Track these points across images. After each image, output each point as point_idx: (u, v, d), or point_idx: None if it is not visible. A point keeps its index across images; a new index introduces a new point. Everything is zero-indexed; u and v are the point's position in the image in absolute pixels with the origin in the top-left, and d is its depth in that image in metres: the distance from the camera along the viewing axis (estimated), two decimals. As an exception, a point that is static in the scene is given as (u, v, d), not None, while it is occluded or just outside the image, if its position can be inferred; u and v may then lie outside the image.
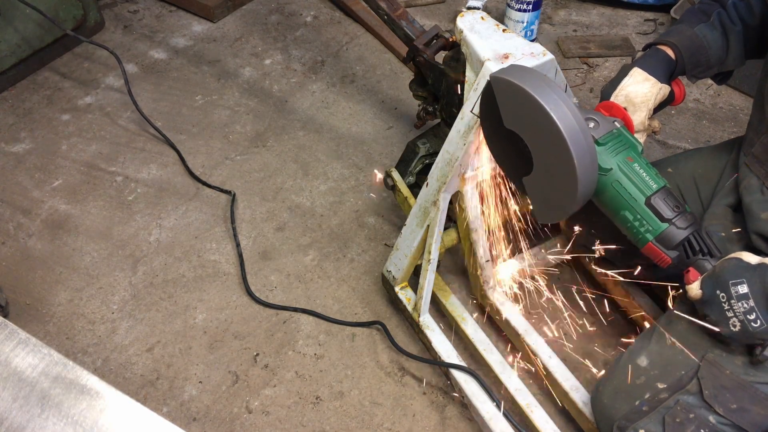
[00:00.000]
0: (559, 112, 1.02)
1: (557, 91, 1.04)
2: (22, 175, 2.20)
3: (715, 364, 1.14)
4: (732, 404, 1.12)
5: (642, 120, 1.28)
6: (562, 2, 2.89)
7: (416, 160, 1.73)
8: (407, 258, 1.60)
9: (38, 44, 2.49)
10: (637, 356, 1.24)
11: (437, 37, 1.67)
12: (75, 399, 0.79)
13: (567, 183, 1.07)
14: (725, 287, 1.08)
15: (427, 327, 1.63)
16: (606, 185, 1.15)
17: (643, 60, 1.31)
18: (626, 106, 1.28)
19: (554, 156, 1.06)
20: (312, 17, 2.85)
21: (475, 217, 1.48)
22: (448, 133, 1.34)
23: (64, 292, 1.86)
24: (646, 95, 1.27)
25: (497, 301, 1.64)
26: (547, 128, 1.04)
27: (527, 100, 1.05)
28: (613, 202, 1.16)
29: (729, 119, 2.33)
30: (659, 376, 1.19)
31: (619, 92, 1.29)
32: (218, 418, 1.59)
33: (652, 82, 1.28)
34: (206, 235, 2.00)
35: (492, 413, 1.47)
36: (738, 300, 1.06)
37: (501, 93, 1.12)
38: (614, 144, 1.15)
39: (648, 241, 1.14)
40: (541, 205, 1.19)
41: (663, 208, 1.13)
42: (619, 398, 1.23)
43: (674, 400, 1.15)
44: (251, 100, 2.46)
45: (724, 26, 1.32)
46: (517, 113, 1.11)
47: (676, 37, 1.32)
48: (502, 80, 1.09)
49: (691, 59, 1.32)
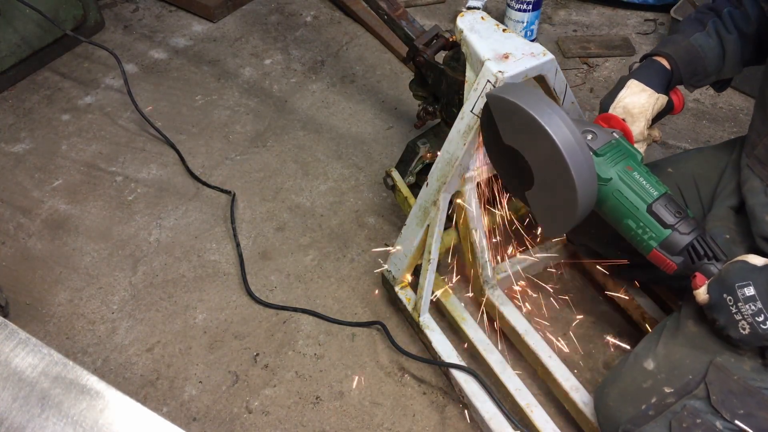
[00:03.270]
0: (555, 126, 1.04)
1: (552, 106, 1.06)
2: (22, 175, 2.20)
3: (722, 369, 1.13)
4: (739, 410, 1.10)
5: (641, 130, 1.29)
6: (562, 2, 2.89)
7: (416, 160, 1.73)
8: (407, 258, 1.60)
9: (38, 44, 2.49)
10: (643, 359, 1.23)
11: (437, 37, 1.67)
12: (75, 399, 0.79)
13: (567, 196, 1.08)
14: (732, 290, 1.07)
15: (427, 327, 1.63)
16: (607, 195, 1.16)
17: (639, 71, 1.33)
18: (624, 117, 1.29)
19: (553, 170, 1.08)
20: (312, 17, 2.85)
21: (474, 217, 1.48)
22: (448, 133, 1.34)
23: (64, 292, 1.86)
24: (643, 105, 1.28)
25: (497, 301, 1.64)
26: (544, 143, 1.05)
27: (523, 116, 1.06)
28: (615, 211, 1.17)
29: (729, 119, 2.33)
30: (666, 380, 1.18)
31: (617, 104, 1.30)
32: (218, 418, 1.59)
33: (648, 92, 1.29)
34: (206, 235, 2.00)
35: (492, 413, 1.47)
36: (745, 302, 1.06)
37: (498, 110, 1.14)
38: (613, 154, 1.16)
39: (652, 248, 1.14)
40: (545, 218, 1.20)
41: (665, 214, 1.13)
42: (624, 401, 1.22)
43: (681, 405, 1.14)
44: (251, 100, 2.46)
45: (719, 35, 1.33)
46: (514, 129, 1.13)
47: (671, 48, 1.33)
48: (498, 98, 1.12)
49: (688, 68, 1.33)
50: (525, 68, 1.21)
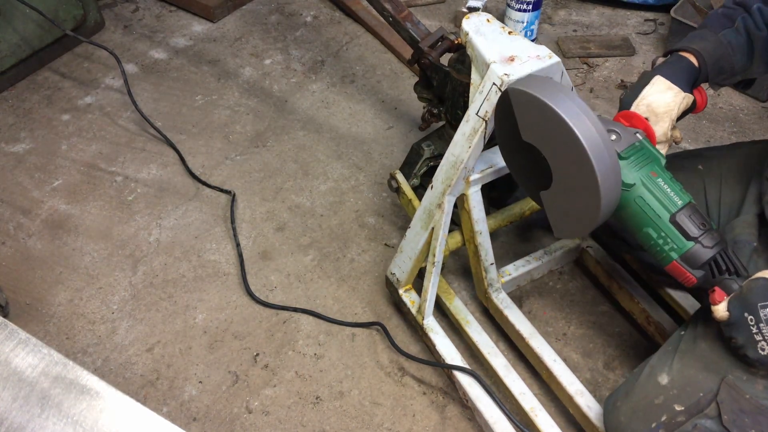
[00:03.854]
0: (582, 126, 0.98)
1: (579, 104, 1.00)
2: (22, 175, 2.20)
3: (734, 388, 1.10)
4: (751, 429, 1.08)
5: (665, 131, 1.22)
6: (562, 2, 2.89)
7: (421, 162, 1.73)
8: (411, 260, 1.59)
9: (38, 44, 2.49)
10: (658, 373, 1.19)
11: (442, 39, 1.66)
12: (75, 399, 0.79)
13: (589, 199, 1.03)
14: (754, 310, 1.03)
15: (431, 330, 1.62)
16: (628, 201, 1.10)
17: (665, 67, 1.25)
18: (648, 116, 1.21)
19: (576, 171, 1.03)
20: (312, 17, 2.85)
21: (479, 220, 1.47)
22: (453, 136, 1.34)
23: (64, 292, 1.86)
24: (669, 105, 1.21)
25: (502, 304, 1.63)
26: (568, 143, 1.00)
27: (548, 114, 1.01)
28: (635, 218, 1.11)
29: (729, 119, 2.33)
30: (677, 397, 1.15)
31: (641, 101, 1.22)
32: (218, 418, 1.59)
33: (675, 91, 1.21)
34: (206, 235, 2.00)
35: (496, 417, 1.46)
36: (767, 323, 1.02)
37: (519, 105, 1.08)
38: (637, 158, 1.11)
39: (672, 260, 1.09)
40: (559, 220, 1.15)
41: (689, 225, 1.08)
42: (635, 418, 1.18)
43: (692, 425, 1.11)
44: (251, 100, 2.46)
45: (749, 32, 1.25)
46: (536, 126, 1.07)
47: (699, 44, 1.26)
48: (521, 92, 1.06)
49: (715, 66, 1.26)
50: (531, 71, 1.18)
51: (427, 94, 1.74)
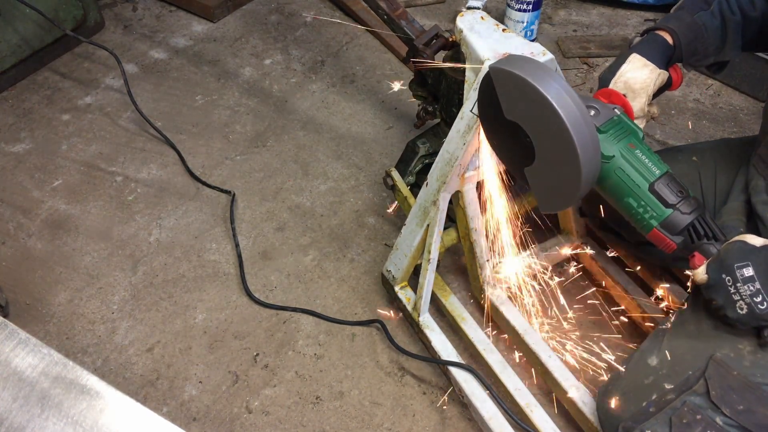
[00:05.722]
0: (561, 101, 1.01)
1: (558, 80, 1.03)
2: (22, 175, 2.20)
3: (722, 365, 1.14)
4: (739, 405, 1.11)
5: (642, 106, 1.27)
6: (562, 2, 2.89)
7: (416, 159, 1.73)
8: (407, 257, 1.60)
9: (38, 44, 2.49)
10: (648, 355, 1.23)
11: (437, 37, 1.66)
12: (75, 399, 0.79)
13: (570, 172, 1.06)
14: (731, 271, 1.07)
15: (427, 326, 1.63)
16: (609, 173, 1.15)
17: (641, 45, 1.30)
18: (625, 92, 1.26)
19: (557, 145, 1.05)
20: (312, 17, 2.85)
21: (474, 217, 1.48)
22: (448, 133, 1.34)
23: (64, 292, 1.86)
24: (645, 81, 1.26)
25: (497, 301, 1.64)
26: (549, 118, 1.03)
27: (528, 90, 1.03)
28: (616, 189, 1.16)
29: (729, 119, 2.33)
30: (667, 376, 1.18)
31: (618, 79, 1.27)
32: (218, 418, 1.59)
33: (650, 68, 1.26)
34: (206, 235, 2.00)
35: (492, 412, 1.47)
36: (744, 283, 1.06)
37: (501, 84, 1.10)
38: (615, 131, 1.15)
39: (653, 227, 1.14)
40: (543, 195, 1.18)
41: (667, 193, 1.12)
42: (627, 399, 1.22)
43: (681, 401, 1.15)
44: (251, 100, 2.46)
45: (723, 15, 1.31)
46: (518, 104, 1.09)
47: (675, 23, 1.30)
48: (502, 71, 1.08)
49: (689, 46, 1.30)
50: None
51: (422, 91, 1.74)
